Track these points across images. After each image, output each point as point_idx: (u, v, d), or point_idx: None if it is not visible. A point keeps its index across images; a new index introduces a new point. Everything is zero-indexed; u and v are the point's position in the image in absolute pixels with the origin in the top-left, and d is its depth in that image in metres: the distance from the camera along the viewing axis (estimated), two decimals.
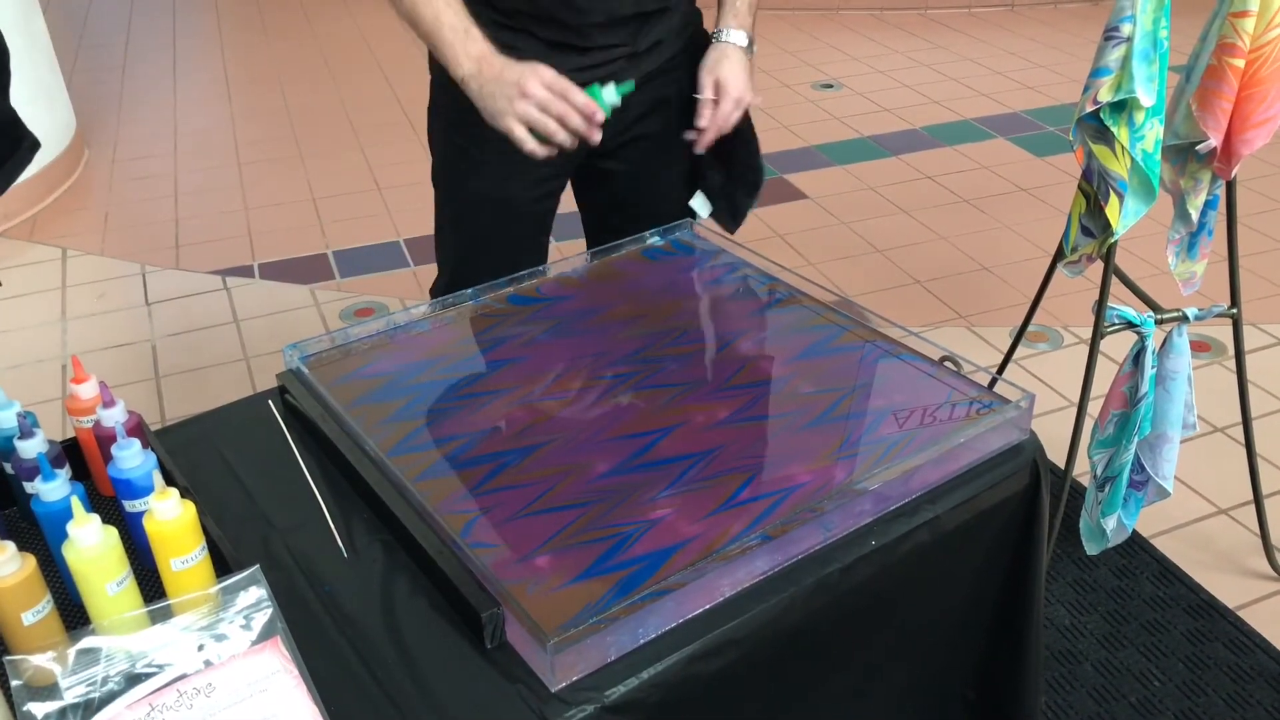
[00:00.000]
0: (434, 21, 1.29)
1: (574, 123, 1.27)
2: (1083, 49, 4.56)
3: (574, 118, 1.27)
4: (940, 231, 3.16)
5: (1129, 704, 1.68)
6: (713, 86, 1.43)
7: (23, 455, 0.98)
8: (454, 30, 1.29)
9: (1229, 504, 2.09)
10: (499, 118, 1.28)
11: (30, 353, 2.68)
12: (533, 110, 1.26)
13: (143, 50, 4.90)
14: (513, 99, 1.26)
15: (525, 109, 1.26)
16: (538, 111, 1.26)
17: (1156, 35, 1.48)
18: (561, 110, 1.26)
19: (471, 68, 1.28)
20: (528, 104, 1.25)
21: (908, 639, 1.11)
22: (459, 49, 1.29)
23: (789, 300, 1.36)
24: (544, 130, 1.27)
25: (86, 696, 0.79)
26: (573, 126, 1.28)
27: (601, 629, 0.85)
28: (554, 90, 1.26)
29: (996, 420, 1.09)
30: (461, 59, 1.29)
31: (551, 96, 1.26)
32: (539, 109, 1.26)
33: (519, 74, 1.26)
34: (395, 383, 1.21)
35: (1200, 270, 1.77)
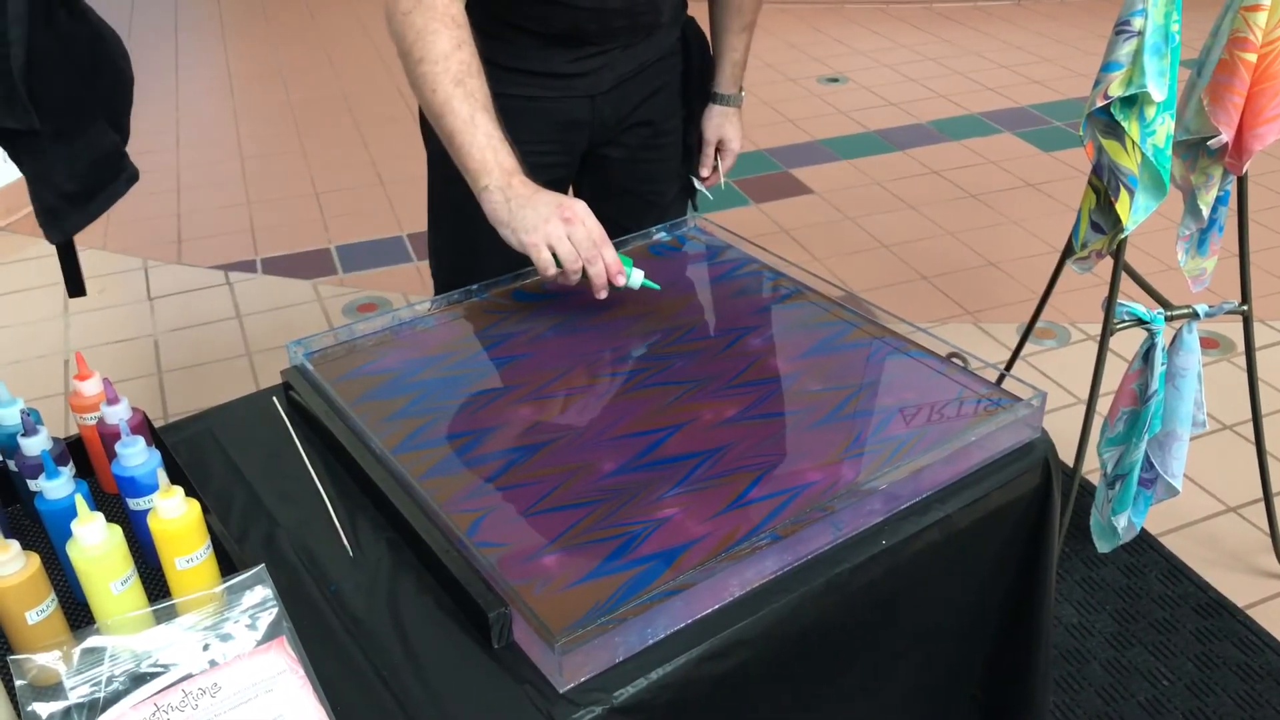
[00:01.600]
0: (466, 123, 1.19)
1: (595, 271, 1.19)
2: (1089, 43, 4.54)
3: (599, 267, 1.19)
4: (947, 227, 3.15)
5: (1137, 703, 1.67)
6: (715, 144, 1.64)
7: (26, 453, 0.98)
8: (490, 136, 1.19)
9: (1238, 502, 2.08)
10: (528, 233, 1.17)
11: (32, 348, 2.67)
12: (564, 241, 1.16)
13: (144, 44, 4.89)
14: (549, 219, 1.16)
15: (560, 233, 1.16)
16: (568, 243, 1.17)
17: (1168, 29, 1.46)
18: (592, 255, 1.18)
19: (501, 179, 1.19)
20: (566, 229, 1.17)
21: (917, 638, 1.11)
22: (490, 157, 1.19)
23: (796, 296, 1.35)
24: (567, 262, 1.17)
25: (91, 696, 0.78)
26: (592, 274, 1.19)
27: (610, 629, 0.85)
28: (594, 234, 1.19)
29: (1008, 419, 1.08)
30: (492, 168, 1.19)
31: (587, 234, 1.18)
32: (571, 241, 1.17)
33: (559, 199, 1.18)
34: (400, 379, 1.20)
35: (1210, 267, 1.76)
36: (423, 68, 1.20)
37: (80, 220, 1.34)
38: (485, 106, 1.20)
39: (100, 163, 1.34)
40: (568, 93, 1.44)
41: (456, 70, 1.19)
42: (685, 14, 1.54)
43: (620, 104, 1.49)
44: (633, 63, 1.46)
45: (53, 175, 1.29)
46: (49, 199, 1.30)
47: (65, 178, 1.30)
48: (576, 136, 1.50)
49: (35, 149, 1.27)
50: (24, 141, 1.26)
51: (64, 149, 1.29)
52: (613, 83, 1.46)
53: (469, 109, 1.19)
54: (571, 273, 1.18)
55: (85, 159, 1.32)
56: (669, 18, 1.47)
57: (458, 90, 1.19)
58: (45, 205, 1.31)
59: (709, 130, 1.63)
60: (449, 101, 1.19)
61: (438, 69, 1.19)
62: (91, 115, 1.32)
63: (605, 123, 1.49)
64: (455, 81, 1.19)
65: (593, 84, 1.45)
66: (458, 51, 1.20)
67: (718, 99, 1.62)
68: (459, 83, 1.19)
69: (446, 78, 1.19)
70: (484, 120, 1.19)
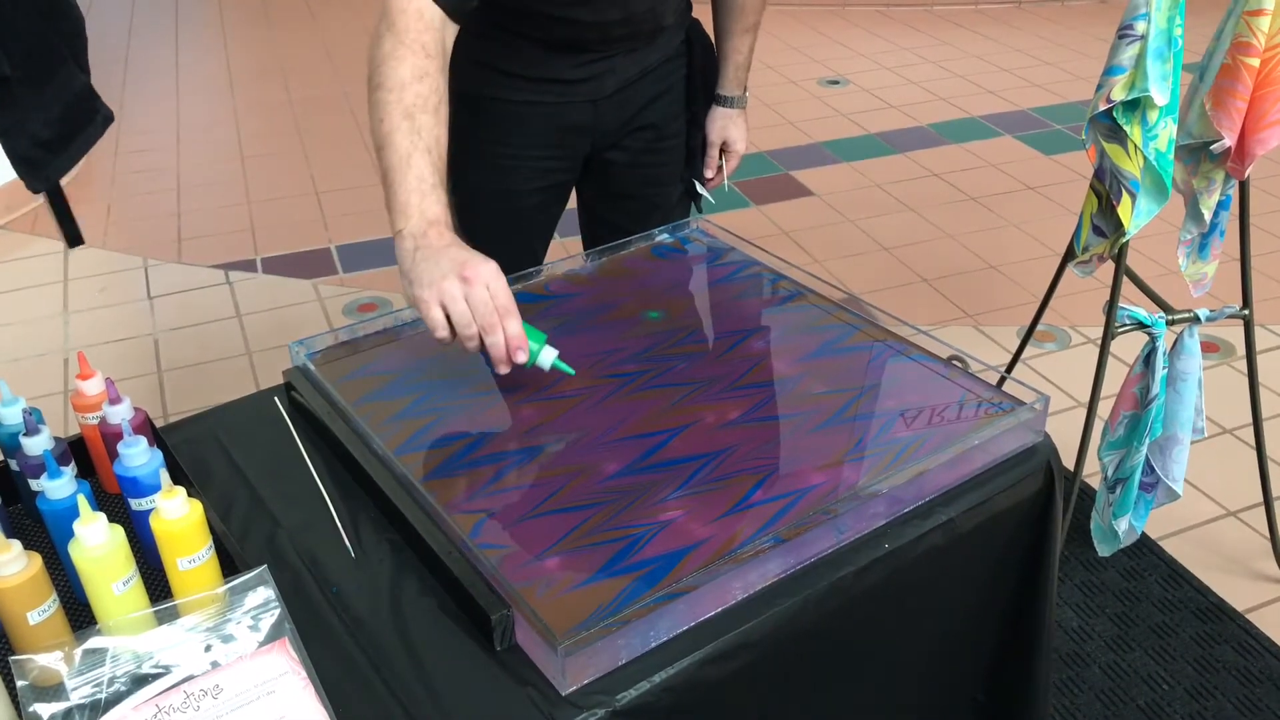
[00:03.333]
0: (402, 160, 1.10)
1: (491, 342, 1.06)
2: (1090, 46, 4.54)
3: (496, 337, 1.06)
4: (947, 230, 3.15)
5: (1137, 707, 1.67)
6: (720, 145, 1.64)
7: (28, 452, 0.97)
8: (420, 180, 1.10)
9: (1238, 506, 2.08)
10: (421, 287, 1.06)
11: (32, 347, 2.67)
12: (460, 301, 1.04)
13: (145, 42, 4.89)
14: (446, 276, 1.05)
15: (453, 294, 1.04)
16: (463, 304, 1.04)
17: (1171, 33, 1.46)
18: (489, 323, 1.05)
19: (418, 226, 1.09)
20: (460, 289, 1.04)
21: (919, 642, 1.11)
22: (414, 201, 1.10)
23: (798, 299, 1.35)
24: (459, 326, 1.06)
25: (93, 697, 0.78)
26: (488, 344, 1.07)
27: (612, 632, 0.84)
28: (497, 301, 1.06)
29: (1011, 422, 1.08)
30: (412, 213, 1.09)
31: (488, 300, 1.05)
32: (467, 303, 1.05)
33: (467, 256, 1.06)
34: (402, 380, 1.20)
35: (1211, 271, 1.76)
36: (378, 94, 1.13)
37: (62, 165, 1.31)
38: (428, 147, 1.12)
39: (74, 105, 1.32)
40: (570, 98, 1.44)
41: (410, 102, 1.12)
42: (690, 16, 1.53)
43: (623, 108, 1.48)
44: (636, 67, 1.46)
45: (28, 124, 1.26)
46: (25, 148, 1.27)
47: (41, 125, 1.27)
48: (578, 141, 1.49)
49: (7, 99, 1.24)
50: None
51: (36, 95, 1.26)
52: (615, 87, 1.45)
53: (408, 146, 1.11)
54: (465, 339, 1.06)
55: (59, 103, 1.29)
56: (673, 21, 1.46)
57: (404, 124, 1.11)
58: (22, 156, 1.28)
59: (713, 132, 1.63)
60: (391, 135, 1.11)
61: (390, 97, 1.12)
62: (60, 57, 1.29)
63: (608, 127, 1.49)
64: (404, 114, 1.11)
65: (595, 89, 1.44)
66: (416, 83, 1.13)
67: (721, 101, 1.61)
68: (408, 116, 1.11)
69: (397, 109, 1.12)
70: (420, 161, 1.11)
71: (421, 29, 1.15)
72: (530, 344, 1.10)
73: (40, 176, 1.30)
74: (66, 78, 1.30)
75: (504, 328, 1.06)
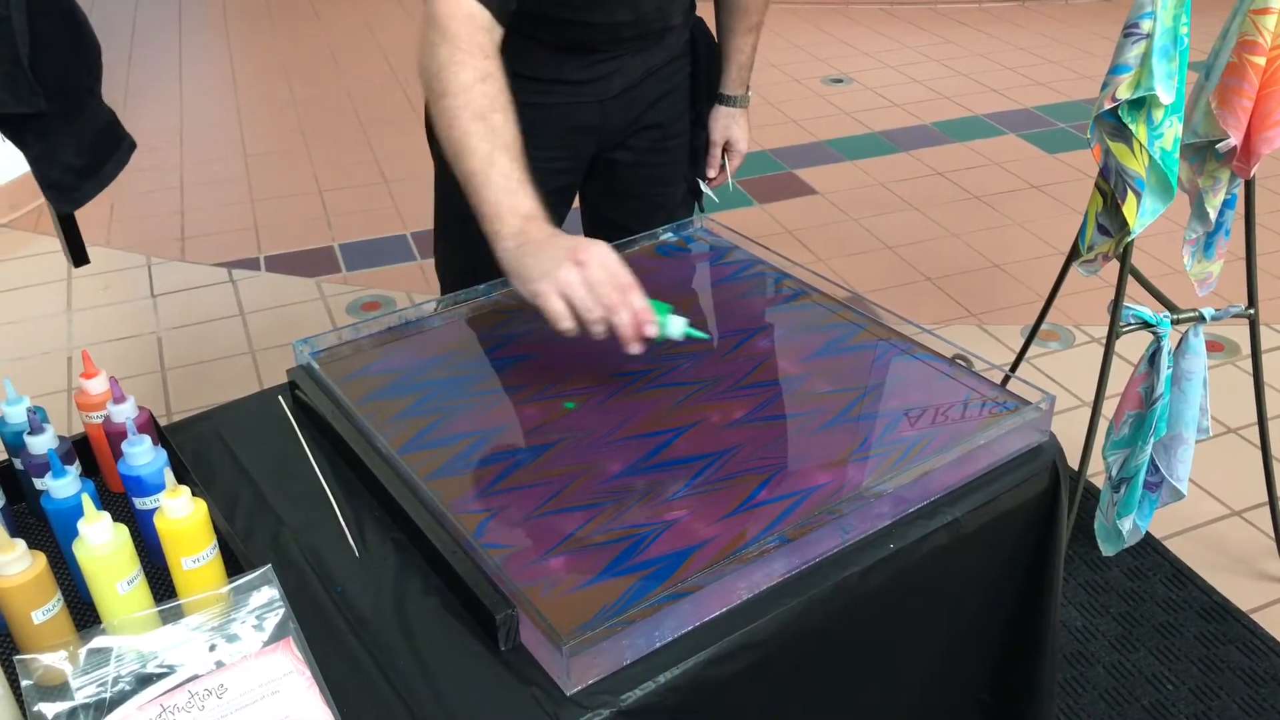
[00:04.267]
0: (483, 162, 1.09)
1: (620, 321, 1.04)
2: (1094, 45, 4.53)
3: (623, 316, 1.04)
4: (951, 228, 3.15)
5: (1141, 707, 1.67)
6: (723, 144, 1.64)
7: (33, 451, 0.97)
8: (506, 179, 1.09)
9: (1243, 506, 2.07)
10: (536, 282, 1.05)
11: (35, 345, 2.67)
12: (578, 287, 1.03)
13: (148, 40, 4.89)
14: (560, 264, 1.03)
15: (570, 280, 1.03)
16: (583, 289, 1.03)
17: (1177, 32, 1.46)
18: (613, 302, 1.04)
19: (515, 225, 1.08)
20: (577, 274, 1.03)
21: (924, 642, 1.10)
22: (505, 200, 1.09)
23: (802, 297, 1.35)
24: (584, 313, 1.04)
25: (97, 697, 0.78)
26: (616, 324, 1.05)
27: (617, 631, 0.84)
28: (614, 277, 1.04)
29: (1016, 422, 1.08)
30: (505, 214, 1.08)
31: (606, 279, 1.04)
32: (586, 287, 1.04)
33: (574, 241, 1.06)
34: (407, 379, 1.20)
35: (1216, 270, 1.75)
36: (444, 102, 1.12)
37: (91, 190, 1.34)
38: (507, 145, 1.11)
39: (103, 133, 1.34)
40: (577, 98, 1.43)
41: (479, 104, 1.11)
42: (694, 15, 1.53)
43: (629, 108, 1.48)
44: (642, 67, 1.45)
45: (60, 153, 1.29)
46: (56, 175, 1.30)
47: (74, 154, 1.29)
48: (585, 141, 1.49)
49: (43, 130, 1.27)
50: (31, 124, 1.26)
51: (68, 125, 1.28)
52: (622, 87, 1.45)
53: (488, 147, 1.10)
54: (591, 323, 1.05)
55: (90, 132, 1.32)
56: (679, 20, 1.46)
57: (477, 125, 1.11)
58: (53, 182, 1.30)
59: (716, 131, 1.63)
60: (466, 138, 1.10)
61: (459, 103, 1.11)
62: (88, 88, 1.32)
63: (614, 127, 1.49)
64: (476, 116, 1.11)
65: (602, 89, 1.44)
66: (481, 84, 1.12)
67: (724, 100, 1.61)
68: (480, 117, 1.11)
69: (467, 112, 1.11)
70: (502, 160, 1.10)
71: (474, 31, 1.14)
72: (657, 316, 1.08)
73: (69, 200, 1.33)
74: (94, 109, 1.33)
75: (630, 303, 1.05)
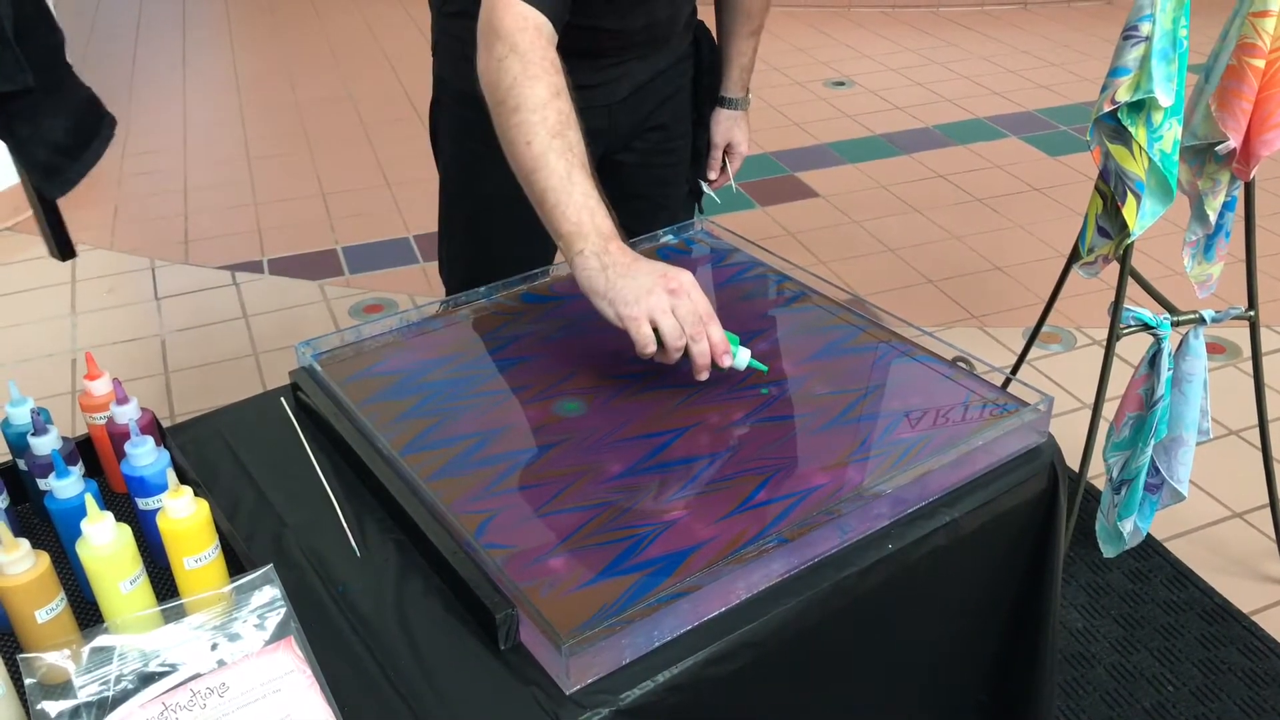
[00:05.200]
0: (562, 179, 1.09)
1: (698, 350, 1.06)
2: (1096, 47, 4.54)
3: (703, 345, 1.06)
4: (952, 231, 3.15)
5: (1142, 708, 1.67)
6: (723, 146, 1.65)
7: (36, 452, 0.98)
8: (587, 196, 1.09)
9: (1244, 508, 2.07)
10: (629, 305, 1.05)
11: (40, 347, 2.68)
12: (669, 315, 1.04)
13: (152, 43, 4.90)
14: (653, 290, 1.04)
15: (665, 306, 1.04)
16: (672, 317, 1.04)
17: (1176, 34, 1.46)
18: (698, 331, 1.05)
19: (598, 244, 1.08)
20: (671, 301, 1.04)
21: (923, 643, 1.11)
22: (587, 219, 1.08)
23: (803, 299, 1.35)
24: (670, 339, 1.05)
25: (100, 695, 0.78)
26: (694, 353, 1.06)
27: (616, 631, 0.85)
28: (699, 307, 1.06)
29: (1015, 423, 1.08)
30: (589, 231, 1.08)
31: (694, 309, 1.05)
32: (676, 314, 1.05)
33: (665, 268, 1.07)
34: (408, 381, 1.20)
35: (1216, 273, 1.75)
36: (518, 117, 1.10)
37: (79, 170, 1.33)
38: (583, 162, 1.11)
39: (83, 108, 1.33)
40: (586, 103, 1.42)
41: (555, 121, 1.10)
42: (696, 18, 1.54)
43: (636, 111, 1.49)
44: (649, 71, 1.46)
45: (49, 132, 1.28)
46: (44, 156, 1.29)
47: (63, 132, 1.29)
48: (593, 145, 1.49)
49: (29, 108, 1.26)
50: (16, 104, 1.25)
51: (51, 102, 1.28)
52: (629, 91, 1.46)
53: (565, 165, 1.09)
54: (673, 350, 1.06)
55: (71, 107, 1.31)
56: (684, 25, 1.47)
57: (555, 143, 1.09)
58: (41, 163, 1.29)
59: (717, 134, 1.64)
60: (544, 155, 1.09)
61: (534, 119, 1.09)
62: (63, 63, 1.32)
63: (621, 130, 1.50)
64: (552, 133, 1.09)
65: (609, 94, 1.44)
66: (555, 100, 1.11)
67: (726, 103, 1.62)
68: (557, 134, 1.10)
69: (544, 129, 1.09)
70: (580, 178, 1.09)
71: (543, 45, 1.13)
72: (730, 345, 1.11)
73: (59, 182, 1.31)
74: (73, 83, 1.31)
75: (709, 334, 1.07)
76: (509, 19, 1.13)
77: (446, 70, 1.50)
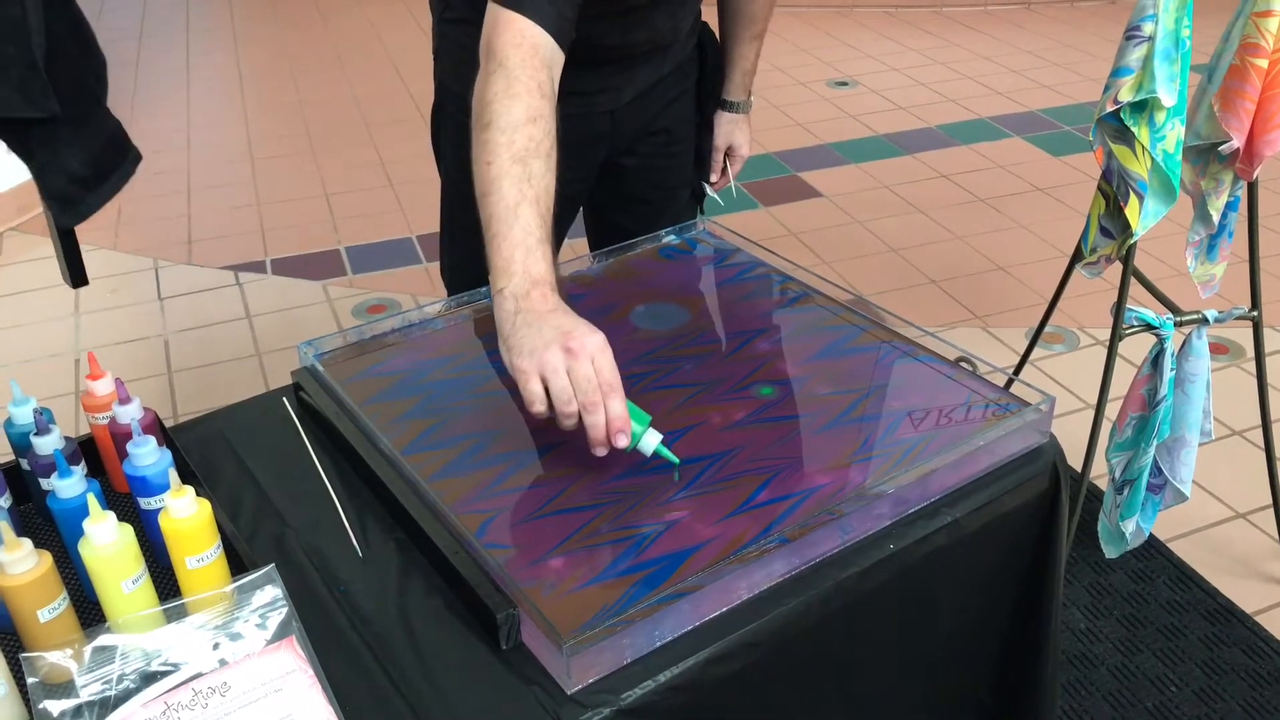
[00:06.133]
0: (508, 210, 1.02)
1: (591, 422, 0.97)
2: (1100, 48, 4.53)
3: (598, 417, 0.96)
4: (955, 231, 3.15)
5: (1145, 709, 1.67)
6: (724, 149, 1.65)
7: (39, 452, 0.98)
8: (526, 234, 1.02)
9: (1247, 508, 2.07)
10: (521, 357, 0.98)
11: (43, 347, 2.69)
12: (561, 375, 0.96)
13: (156, 44, 4.91)
14: (548, 346, 0.96)
15: (555, 365, 0.96)
16: (564, 378, 0.96)
17: (1179, 34, 1.46)
18: (592, 401, 0.96)
19: (520, 285, 1.00)
20: (563, 361, 0.96)
21: (924, 643, 1.11)
22: (519, 257, 1.01)
23: (805, 300, 1.35)
24: (559, 402, 0.97)
25: (102, 694, 0.78)
26: (588, 424, 0.97)
27: (618, 631, 0.85)
28: (600, 374, 0.96)
29: (1016, 423, 1.08)
30: (515, 269, 1.01)
31: (592, 376, 0.96)
32: (568, 376, 0.96)
33: (572, 325, 0.98)
34: (410, 381, 1.20)
35: (1219, 273, 1.75)
36: (486, 134, 1.05)
37: (95, 203, 1.33)
38: (538, 197, 1.04)
39: (110, 143, 1.34)
40: (588, 108, 1.43)
41: (522, 146, 1.05)
42: (700, 21, 1.53)
43: (639, 115, 1.49)
44: (653, 76, 1.46)
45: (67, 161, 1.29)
46: (61, 186, 1.29)
47: (80, 163, 1.29)
48: (595, 150, 1.49)
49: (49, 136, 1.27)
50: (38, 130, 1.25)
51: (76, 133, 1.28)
52: (632, 96, 1.45)
53: (516, 195, 1.03)
54: (563, 416, 0.97)
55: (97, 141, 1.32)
56: (688, 29, 1.47)
57: (514, 169, 1.04)
58: (57, 192, 1.30)
59: (719, 137, 1.64)
60: (499, 180, 1.03)
61: (501, 140, 1.04)
62: (96, 96, 1.32)
63: (623, 134, 1.49)
64: (515, 159, 1.04)
65: (613, 99, 1.44)
66: (530, 125, 1.05)
67: (727, 106, 1.62)
68: (519, 161, 1.04)
69: (507, 152, 1.04)
70: (527, 213, 1.02)
71: (537, 67, 1.09)
72: (634, 427, 1.00)
73: (74, 213, 1.31)
74: (102, 118, 1.32)
75: (606, 407, 0.97)
76: (507, 35, 1.10)
77: (447, 75, 1.50)
